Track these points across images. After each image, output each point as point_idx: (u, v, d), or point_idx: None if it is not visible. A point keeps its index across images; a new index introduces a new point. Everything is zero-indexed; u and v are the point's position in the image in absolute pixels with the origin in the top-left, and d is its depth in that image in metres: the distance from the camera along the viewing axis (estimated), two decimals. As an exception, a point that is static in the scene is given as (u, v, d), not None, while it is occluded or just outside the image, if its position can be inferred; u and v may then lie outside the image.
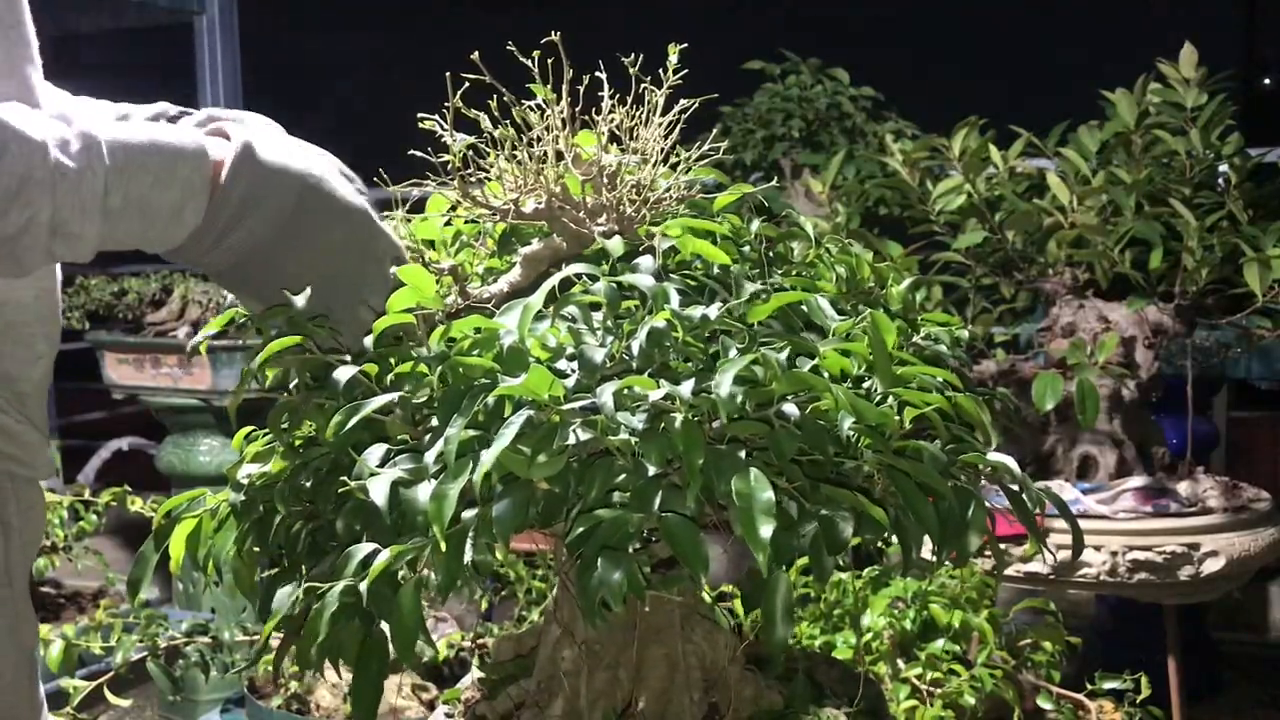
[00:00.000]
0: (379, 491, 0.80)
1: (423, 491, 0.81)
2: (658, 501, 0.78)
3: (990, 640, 1.71)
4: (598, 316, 0.90)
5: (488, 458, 0.76)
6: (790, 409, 0.82)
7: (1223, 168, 2.29)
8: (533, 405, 0.79)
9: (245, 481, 0.94)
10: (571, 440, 0.79)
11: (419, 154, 0.99)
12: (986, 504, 0.88)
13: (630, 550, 0.78)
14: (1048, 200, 2.28)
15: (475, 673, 1.16)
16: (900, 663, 1.71)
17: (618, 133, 1.00)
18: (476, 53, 0.93)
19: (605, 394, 0.78)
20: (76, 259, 0.88)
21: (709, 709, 1.06)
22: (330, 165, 0.98)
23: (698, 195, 1.05)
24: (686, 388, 0.78)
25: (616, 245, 0.95)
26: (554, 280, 0.89)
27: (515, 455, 0.78)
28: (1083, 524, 1.56)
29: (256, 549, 0.94)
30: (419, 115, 0.96)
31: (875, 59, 3.65)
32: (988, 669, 1.67)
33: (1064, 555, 1.95)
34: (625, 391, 0.79)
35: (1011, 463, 0.91)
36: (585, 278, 0.92)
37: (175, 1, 3.72)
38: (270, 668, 1.96)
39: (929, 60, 5.41)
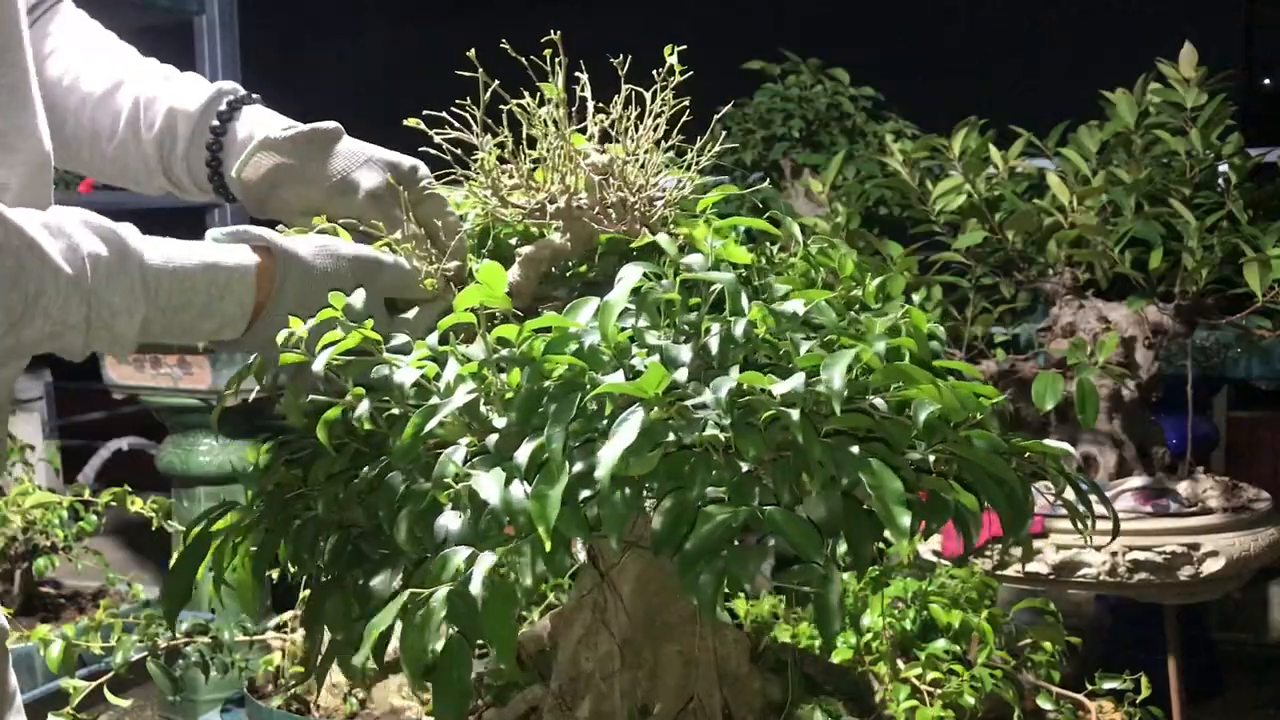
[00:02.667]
0: (491, 491, 0.80)
1: (516, 491, 0.80)
2: (757, 496, 0.79)
3: (990, 640, 1.71)
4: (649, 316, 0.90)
5: (609, 456, 0.76)
6: (878, 401, 0.84)
7: (1223, 168, 2.29)
8: (643, 403, 0.79)
9: (276, 491, 0.93)
10: (671, 437, 0.79)
11: (428, 152, 0.99)
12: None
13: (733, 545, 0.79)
14: (1048, 200, 2.27)
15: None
16: (900, 663, 1.71)
17: (618, 133, 1.00)
18: (475, 52, 0.93)
19: (723, 389, 0.79)
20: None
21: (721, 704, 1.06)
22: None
23: (696, 196, 1.05)
24: (797, 381, 0.79)
25: (667, 243, 0.94)
26: (631, 280, 0.88)
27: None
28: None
29: (290, 561, 0.94)
30: (426, 112, 0.96)
31: (875, 59, 3.65)
32: (988, 669, 1.67)
33: (1071, 554, 1.96)
34: (744, 388, 0.80)
35: (1070, 449, 0.93)
36: (648, 275, 0.91)
37: (175, 1, 3.72)
38: (271, 667, 1.96)
39: (929, 60, 5.40)
